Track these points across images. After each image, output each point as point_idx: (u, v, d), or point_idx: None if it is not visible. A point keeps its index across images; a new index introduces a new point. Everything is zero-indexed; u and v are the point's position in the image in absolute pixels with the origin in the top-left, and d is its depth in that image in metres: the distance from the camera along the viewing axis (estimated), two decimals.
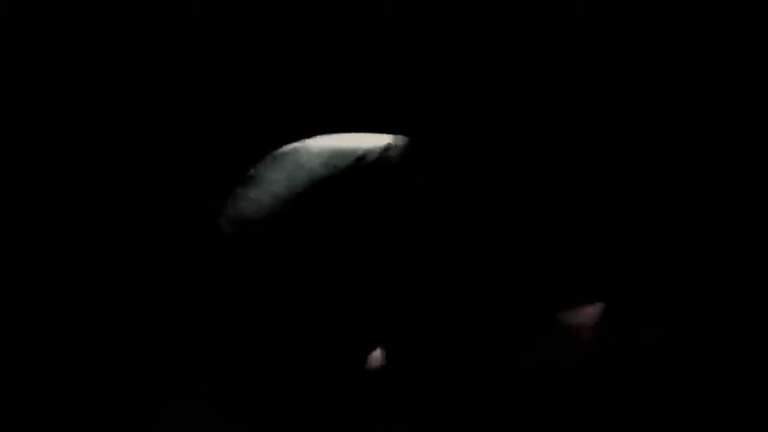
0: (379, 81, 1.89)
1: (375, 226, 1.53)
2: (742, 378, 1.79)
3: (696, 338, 1.86)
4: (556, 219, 1.97)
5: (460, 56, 1.67)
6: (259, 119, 2.04)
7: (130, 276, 1.93)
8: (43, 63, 2.01)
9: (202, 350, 1.68)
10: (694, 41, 1.98)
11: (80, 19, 2.00)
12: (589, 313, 1.78)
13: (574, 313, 1.83)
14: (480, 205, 1.59)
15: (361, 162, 1.56)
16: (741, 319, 1.87)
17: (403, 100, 1.82)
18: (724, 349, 1.84)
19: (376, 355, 1.65)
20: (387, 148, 1.57)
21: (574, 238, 1.97)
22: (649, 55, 1.98)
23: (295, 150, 1.64)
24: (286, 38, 2.01)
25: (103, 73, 2.02)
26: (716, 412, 1.73)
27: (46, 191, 1.99)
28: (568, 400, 1.74)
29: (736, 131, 1.98)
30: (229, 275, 1.57)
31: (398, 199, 1.55)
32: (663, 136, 2.00)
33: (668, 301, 1.91)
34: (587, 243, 1.98)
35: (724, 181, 1.98)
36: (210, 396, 1.65)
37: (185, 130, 2.05)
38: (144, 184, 2.02)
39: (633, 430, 1.73)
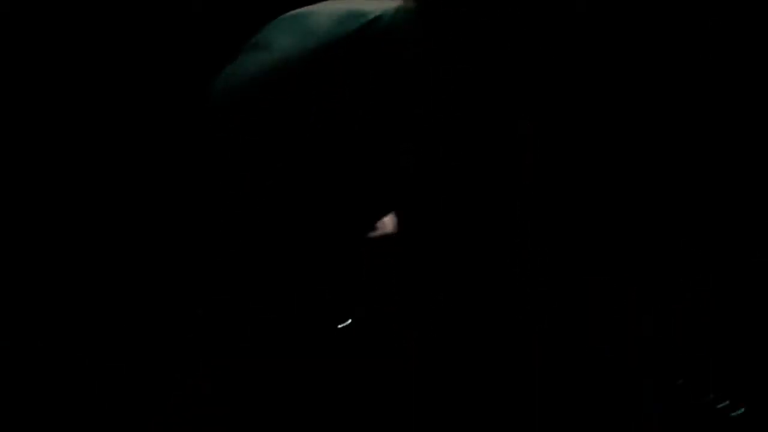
0: None
1: (384, 89, 1.48)
2: (741, 376, 1.79)
3: (696, 338, 1.86)
4: (558, 218, 1.97)
5: None
6: None
7: (131, 275, 1.93)
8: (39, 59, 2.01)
9: (202, 350, 1.69)
10: (694, 41, 1.98)
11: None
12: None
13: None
14: (487, 68, 1.55)
15: (373, 25, 1.50)
16: (741, 319, 1.88)
17: None
18: (724, 349, 1.84)
19: (387, 221, 1.61)
20: (399, 12, 1.51)
21: (575, 237, 1.98)
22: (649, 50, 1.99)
23: (305, 14, 1.58)
24: None
25: None
26: (716, 411, 1.73)
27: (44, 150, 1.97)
28: (569, 399, 1.75)
29: (736, 131, 1.98)
30: (234, 140, 1.50)
31: (409, 62, 1.50)
32: (663, 135, 2.00)
33: (668, 301, 1.91)
34: (589, 242, 1.98)
35: (724, 181, 1.98)
36: (210, 396, 1.66)
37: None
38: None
39: (633, 429, 1.73)
